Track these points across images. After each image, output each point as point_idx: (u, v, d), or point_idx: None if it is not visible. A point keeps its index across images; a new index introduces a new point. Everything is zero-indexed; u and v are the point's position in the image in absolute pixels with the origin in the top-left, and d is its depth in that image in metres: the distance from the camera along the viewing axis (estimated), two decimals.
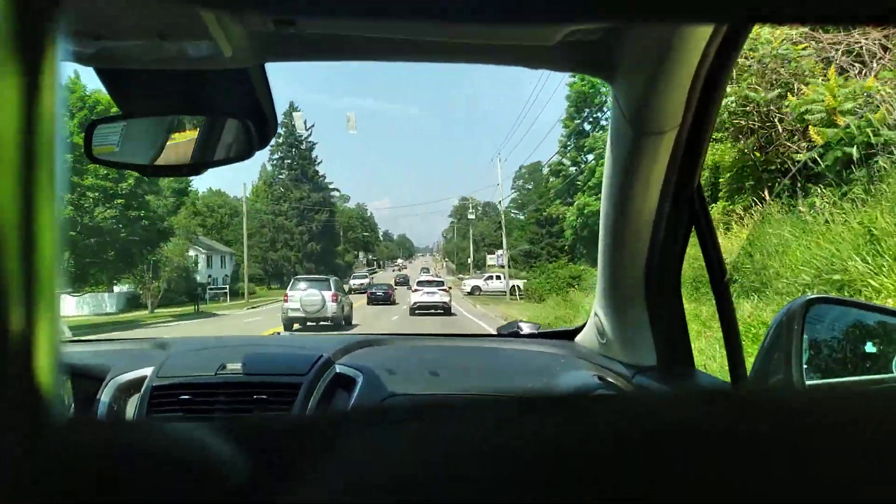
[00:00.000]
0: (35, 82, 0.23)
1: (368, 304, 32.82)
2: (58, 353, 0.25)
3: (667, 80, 1.13)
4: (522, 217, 72.41)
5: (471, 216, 67.38)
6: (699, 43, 1.07)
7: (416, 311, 26.12)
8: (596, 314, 1.77)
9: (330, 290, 19.38)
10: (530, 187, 67.71)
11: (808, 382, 1.31)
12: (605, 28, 1.12)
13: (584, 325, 1.97)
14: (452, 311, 26.96)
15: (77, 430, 0.29)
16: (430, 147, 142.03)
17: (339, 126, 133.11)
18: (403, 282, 56.65)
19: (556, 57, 1.21)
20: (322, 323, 19.09)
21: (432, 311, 26.06)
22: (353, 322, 20.78)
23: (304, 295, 19.06)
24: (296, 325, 18.78)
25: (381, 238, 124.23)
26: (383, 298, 33.90)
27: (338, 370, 1.72)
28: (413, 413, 0.34)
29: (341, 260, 75.50)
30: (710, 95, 1.17)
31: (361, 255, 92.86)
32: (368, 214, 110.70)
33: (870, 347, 1.46)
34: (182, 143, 1.37)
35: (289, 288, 20.28)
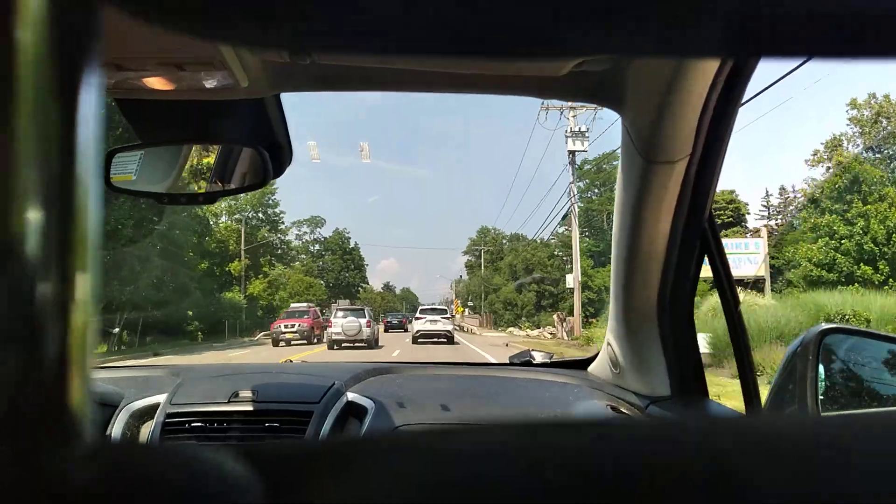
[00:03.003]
0: (73, 115, 0.24)
1: (385, 331, 38.17)
2: (88, 376, 0.26)
3: (676, 109, 1.13)
4: (590, 238, 48.01)
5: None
6: (708, 72, 1.08)
7: (419, 340, 26.37)
8: (609, 344, 1.77)
9: (365, 318, 24.12)
10: (595, 194, 47.96)
11: (823, 413, 1.30)
12: (614, 59, 1.13)
13: (596, 355, 1.96)
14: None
15: (106, 453, 0.29)
16: (438, 207, 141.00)
17: (350, 186, 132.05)
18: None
19: (566, 87, 1.22)
20: (357, 344, 23.35)
21: (434, 339, 26.42)
22: (380, 343, 25.63)
23: (344, 322, 23.85)
24: (334, 347, 23.62)
25: (385, 289, 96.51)
26: (398, 325, 41.98)
27: (349, 398, 1.72)
28: (425, 439, 0.34)
29: (236, 293, 41.36)
30: (721, 124, 1.18)
31: (342, 302, 55.28)
32: (353, 245, 77.65)
33: (886, 378, 1.45)
34: (198, 171, 1.39)
35: (332, 316, 25.48)
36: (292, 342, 25.27)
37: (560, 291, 46.86)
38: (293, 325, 26.29)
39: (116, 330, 25.95)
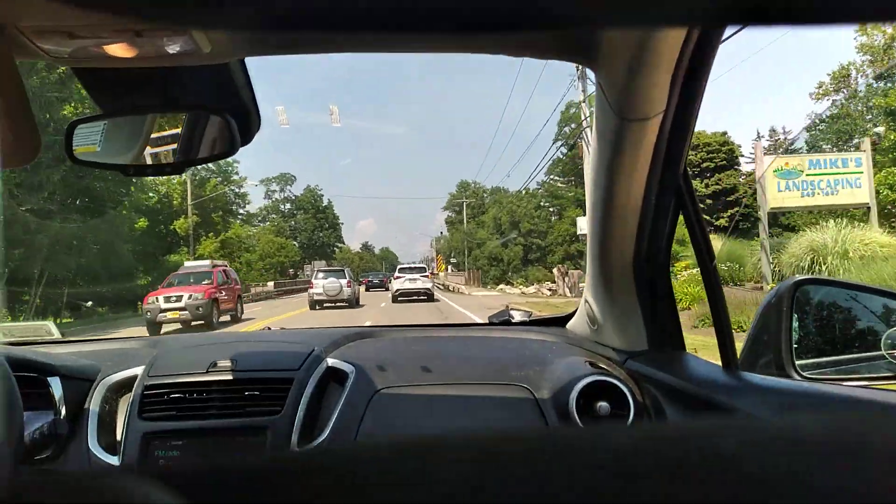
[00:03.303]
0: None
1: (367, 290, 39.61)
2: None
3: (650, 65, 1.12)
4: (578, 187, 42.63)
5: None
6: (682, 28, 1.06)
7: (399, 299, 26.73)
8: (586, 301, 1.78)
9: (345, 278, 24.86)
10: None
11: (797, 362, 1.32)
12: None
13: (574, 312, 1.98)
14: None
15: (20, 492, 0.27)
16: (414, 165, 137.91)
17: (327, 146, 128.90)
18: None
19: (539, 44, 1.20)
20: (339, 303, 24.30)
21: (415, 297, 26.77)
22: (361, 303, 26.58)
23: (325, 283, 24.52)
24: (316, 307, 24.08)
25: (363, 248, 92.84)
26: (379, 284, 42.62)
27: (329, 363, 1.72)
28: (396, 455, 0.33)
29: (184, 255, 35.02)
30: (695, 80, 1.17)
31: (317, 263, 51.07)
32: (326, 203, 72.16)
33: (858, 326, 1.48)
34: (164, 140, 1.35)
35: (313, 277, 25.85)
36: (191, 323, 17.28)
37: (548, 244, 44.19)
38: (178, 298, 17.39)
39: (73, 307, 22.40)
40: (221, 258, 35.58)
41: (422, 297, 26.74)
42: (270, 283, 43.86)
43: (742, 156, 44.01)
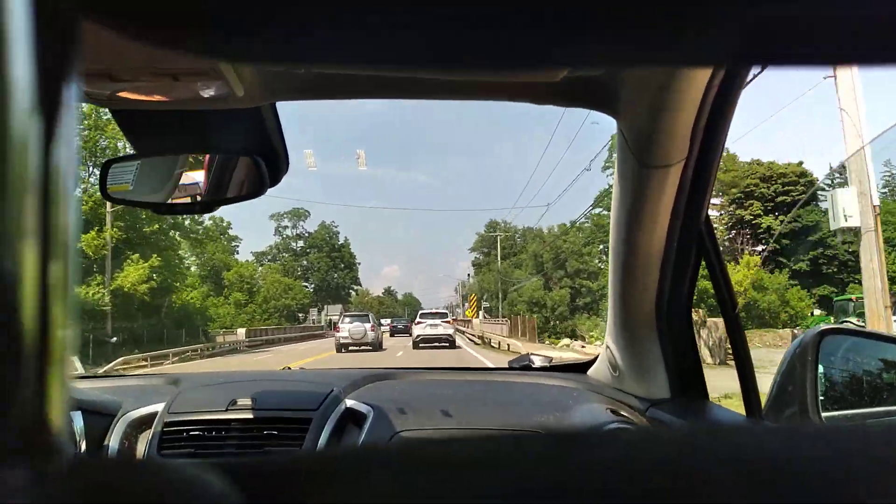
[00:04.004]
0: (53, 127, 0.24)
1: (391, 335, 41.28)
2: (67, 389, 0.25)
3: (672, 112, 1.14)
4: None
5: None
6: (703, 75, 1.08)
7: (420, 345, 26.63)
8: (608, 347, 1.77)
9: (369, 322, 26.43)
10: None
11: (823, 414, 1.30)
12: None
13: (596, 358, 1.96)
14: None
15: (85, 469, 0.28)
16: (438, 212, 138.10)
17: (354, 193, 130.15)
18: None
19: (561, 92, 1.22)
20: (363, 347, 25.67)
21: (436, 343, 26.62)
22: (384, 346, 27.87)
23: (351, 326, 25.98)
24: (342, 350, 25.66)
25: (386, 293, 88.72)
26: (403, 330, 42.67)
27: (348, 404, 1.72)
28: (423, 449, 0.34)
29: (94, 287, 25.62)
30: (716, 127, 1.18)
31: (331, 308, 51.08)
32: (342, 242, 68.34)
33: (885, 378, 1.45)
34: (195, 180, 1.39)
35: (339, 322, 27.49)
36: None
37: (600, 288, 37.30)
38: None
39: None
40: (153, 291, 27.70)
41: (443, 344, 26.61)
42: (241, 330, 35.84)
43: (823, 189, 40.39)
